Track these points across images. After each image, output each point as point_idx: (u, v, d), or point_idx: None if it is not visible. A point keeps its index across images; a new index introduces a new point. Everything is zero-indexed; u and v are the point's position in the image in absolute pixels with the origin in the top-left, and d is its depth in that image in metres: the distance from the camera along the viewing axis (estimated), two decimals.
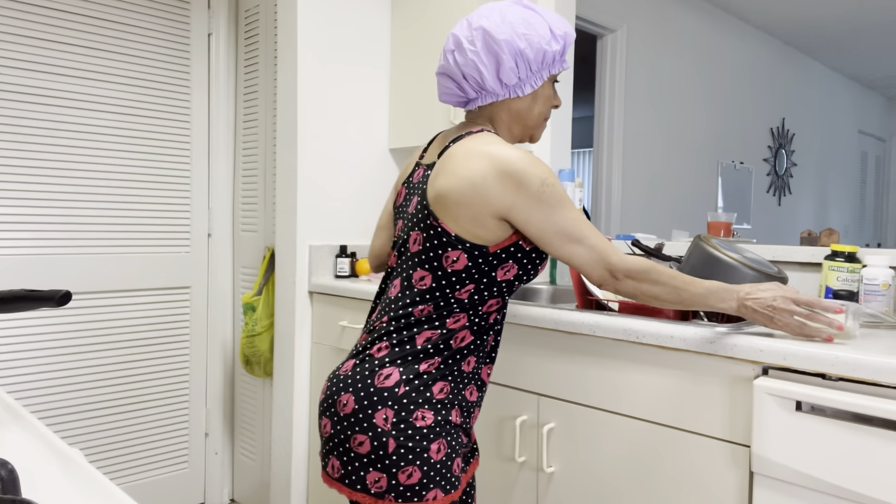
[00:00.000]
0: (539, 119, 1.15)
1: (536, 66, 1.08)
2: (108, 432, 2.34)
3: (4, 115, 2.09)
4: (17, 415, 0.74)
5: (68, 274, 2.24)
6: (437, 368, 1.07)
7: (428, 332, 1.07)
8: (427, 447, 1.04)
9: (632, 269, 1.05)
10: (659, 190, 4.03)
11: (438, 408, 1.06)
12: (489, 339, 1.15)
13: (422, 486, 1.03)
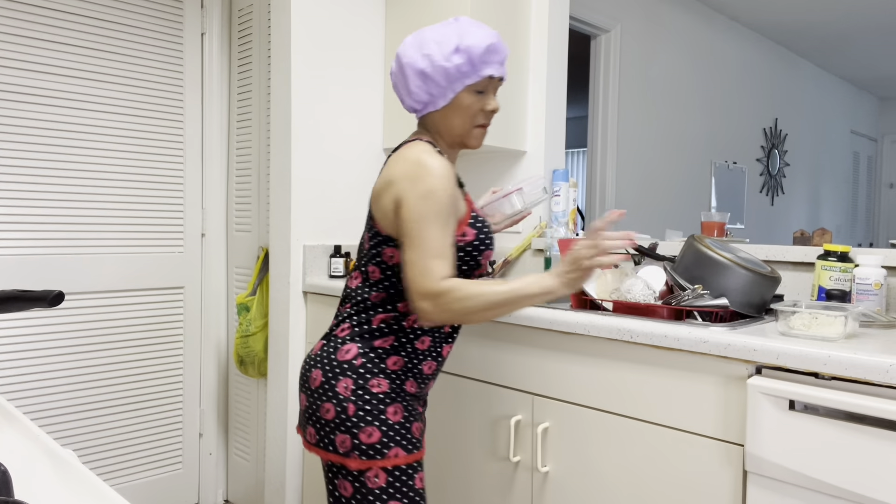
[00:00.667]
0: (464, 128, 1.23)
1: (443, 82, 1.18)
2: (101, 433, 2.33)
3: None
4: (10, 416, 0.73)
5: (61, 274, 2.23)
6: (391, 345, 1.22)
7: (382, 314, 1.23)
8: (384, 410, 1.18)
9: (428, 288, 1.10)
10: (653, 190, 4.04)
11: (393, 377, 1.22)
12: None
13: (382, 444, 1.17)
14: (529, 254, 2.33)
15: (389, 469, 1.17)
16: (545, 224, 2.31)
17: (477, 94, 1.21)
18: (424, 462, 1.79)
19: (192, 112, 2.52)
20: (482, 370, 1.64)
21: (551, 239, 2.12)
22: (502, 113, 2.25)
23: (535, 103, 2.34)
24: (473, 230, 1.21)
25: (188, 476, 2.58)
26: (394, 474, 1.17)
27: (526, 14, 2.34)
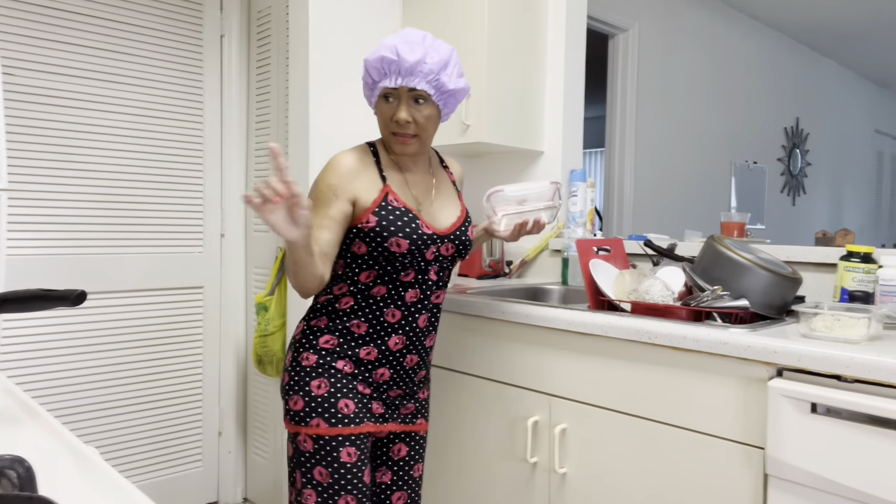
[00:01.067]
0: (384, 134, 1.32)
1: (366, 91, 1.31)
2: (122, 430, 2.36)
3: (20, 117, 2.11)
4: (33, 413, 0.75)
5: (83, 274, 2.26)
6: (325, 325, 1.31)
7: (323, 297, 1.33)
8: (308, 382, 1.28)
9: None
10: (671, 190, 4.01)
11: (322, 353, 1.30)
12: (390, 312, 1.31)
13: (305, 413, 1.27)
14: (546, 254, 2.33)
15: (314, 437, 1.26)
16: (562, 224, 2.30)
17: (387, 102, 1.28)
18: (448, 457, 1.79)
19: (211, 113, 2.55)
20: (500, 371, 1.64)
21: (569, 240, 2.11)
22: (518, 112, 2.25)
23: (553, 103, 2.34)
24: (376, 217, 1.26)
25: (208, 474, 2.61)
26: (318, 443, 1.26)
27: (543, 14, 2.33)
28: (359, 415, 1.29)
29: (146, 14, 2.36)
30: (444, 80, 1.25)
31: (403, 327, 1.32)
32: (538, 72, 2.32)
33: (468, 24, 2.16)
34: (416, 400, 1.41)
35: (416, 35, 1.25)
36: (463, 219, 1.38)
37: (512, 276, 2.35)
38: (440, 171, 1.43)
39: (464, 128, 2.17)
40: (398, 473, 1.40)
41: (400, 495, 1.41)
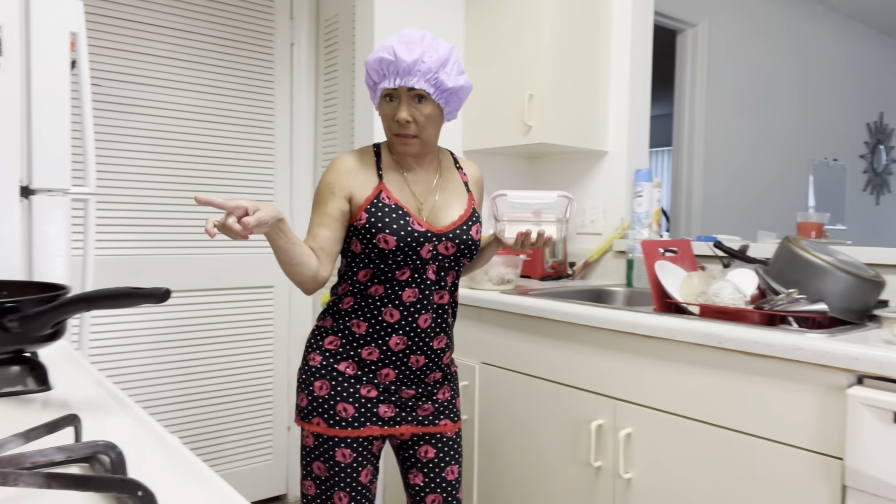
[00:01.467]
0: (387, 134, 1.33)
1: (370, 88, 1.32)
2: (198, 422, 2.48)
3: (108, 126, 2.25)
4: (121, 403, 0.80)
5: (162, 273, 2.38)
6: (329, 325, 1.34)
7: (331, 297, 1.37)
8: (312, 382, 1.32)
9: None
10: (744, 189, 3.86)
11: (326, 355, 1.33)
12: (387, 311, 1.30)
13: (308, 411, 1.31)
14: (610, 255, 2.29)
15: (314, 434, 1.31)
16: (627, 225, 2.27)
17: (388, 102, 1.29)
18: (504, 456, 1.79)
19: (281, 119, 2.64)
20: (562, 373, 1.63)
21: (633, 241, 2.08)
22: (581, 112, 2.23)
23: (618, 102, 2.30)
24: (367, 214, 1.28)
25: (277, 467, 2.70)
26: (318, 440, 1.31)
27: (608, 11, 2.30)
28: (359, 419, 1.30)
29: (223, 25, 2.47)
30: (443, 79, 1.25)
31: (403, 327, 1.31)
32: (602, 70, 2.29)
33: (530, 23, 2.15)
34: (435, 401, 1.37)
35: (415, 34, 1.25)
36: (466, 218, 1.34)
37: (575, 278, 2.32)
38: (451, 171, 1.41)
39: (526, 129, 2.17)
40: (429, 476, 1.37)
41: (434, 498, 1.37)
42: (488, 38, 2.32)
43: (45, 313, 0.82)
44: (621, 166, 2.29)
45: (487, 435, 1.85)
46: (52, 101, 1.40)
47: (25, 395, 0.82)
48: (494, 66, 2.30)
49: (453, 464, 1.39)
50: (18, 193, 1.37)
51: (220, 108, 2.48)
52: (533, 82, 2.15)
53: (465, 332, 1.92)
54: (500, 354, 1.81)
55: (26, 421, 0.72)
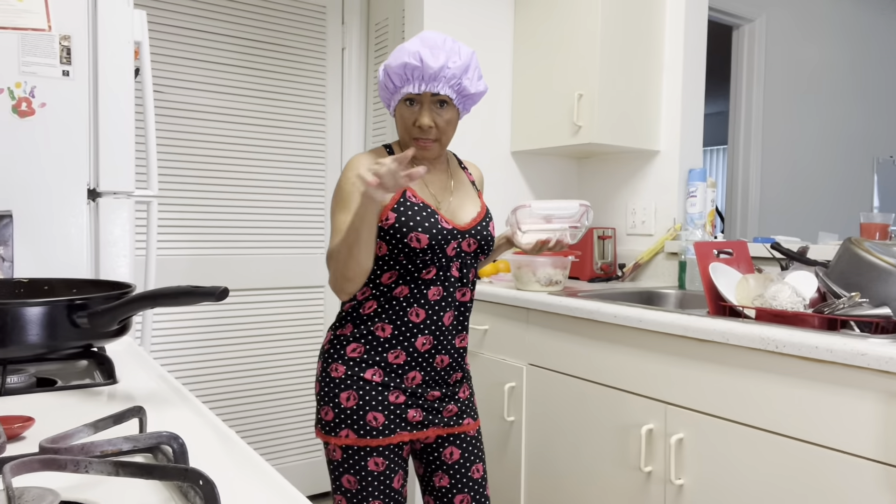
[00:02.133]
0: (404, 138, 1.31)
1: (385, 94, 1.30)
2: (250, 416, 2.55)
3: (167, 130, 2.34)
4: (183, 396, 0.83)
5: (218, 273, 2.46)
6: (350, 333, 1.31)
7: (348, 304, 1.33)
8: (338, 394, 1.28)
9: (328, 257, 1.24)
10: (803, 189, 3.73)
11: (350, 364, 1.29)
12: (413, 311, 1.29)
13: (335, 424, 1.28)
14: (662, 257, 2.25)
15: (343, 447, 1.28)
16: (679, 226, 2.22)
17: (409, 106, 1.28)
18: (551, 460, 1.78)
19: (333, 123, 2.69)
20: (610, 376, 1.61)
21: (686, 242, 2.03)
22: (632, 111, 2.19)
23: (670, 100, 2.26)
24: (395, 213, 1.26)
25: (324, 465, 2.74)
26: (347, 452, 1.28)
27: (661, 7, 2.26)
28: (389, 426, 1.29)
29: (277, 32, 2.53)
30: (465, 84, 1.25)
31: (429, 326, 1.30)
32: (655, 68, 2.25)
33: (580, 21, 2.14)
34: (458, 401, 1.37)
35: (436, 38, 1.25)
36: (483, 215, 1.36)
37: (625, 280, 2.29)
38: (458, 171, 1.43)
39: (575, 129, 2.15)
40: (455, 476, 1.37)
41: (462, 498, 1.37)
42: (537, 38, 2.31)
43: (112, 310, 0.86)
44: (673, 166, 2.25)
45: (534, 437, 1.84)
46: (118, 108, 1.47)
47: (93, 388, 0.87)
48: (543, 66, 2.28)
49: (478, 462, 1.40)
50: (86, 196, 1.44)
51: (275, 112, 2.55)
52: (582, 81, 2.13)
53: (511, 334, 1.92)
54: (547, 356, 1.80)
55: (95, 412, 0.76)
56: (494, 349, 1.98)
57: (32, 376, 0.88)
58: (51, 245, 1.40)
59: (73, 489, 0.54)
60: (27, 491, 0.47)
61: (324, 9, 2.63)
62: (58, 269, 1.41)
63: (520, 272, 1.91)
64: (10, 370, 0.86)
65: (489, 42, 2.36)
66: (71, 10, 1.40)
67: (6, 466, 0.45)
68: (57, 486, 0.55)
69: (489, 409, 2.00)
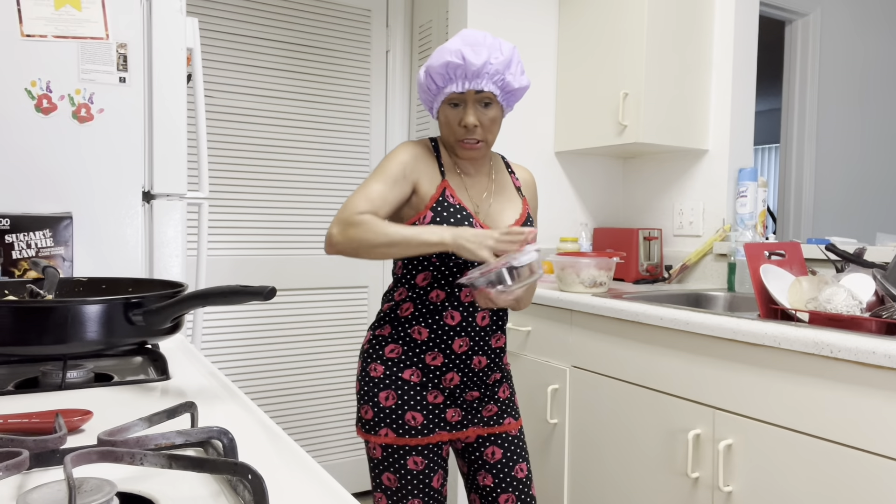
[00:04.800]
0: (449, 140, 1.30)
1: (427, 96, 1.29)
2: (295, 413, 2.60)
3: (217, 134, 2.40)
4: (232, 393, 0.86)
5: (265, 273, 2.52)
6: (388, 333, 1.32)
7: (385, 304, 1.35)
8: (377, 393, 1.29)
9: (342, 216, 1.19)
10: (860, 189, 3.59)
11: (389, 364, 1.30)
12: (447, 315, 1.28)
13: (375, 423, 1.29)
14: (710, 258, 2.20)
15: (382, 445, 1.29)
16: (729, 227, 2.16)
17: (454, 107, 1.26)
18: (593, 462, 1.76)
19: (377, 125, 2.72)
20: (657, 379, 1.58)
21: (736, 243, 1.98)
22: (679, 110, 2.15)
23: (720, 97, 2.21)
24: (432, 213, 1.25)
25: (366, 464, 2.77)
26: (387, 450, 1.29)
27: (710, 3, 2.21)
28: (428, 426, 1.29)
29: (324, 36, 2.57)
30: (509, 80, 1.23)
31: (465, 328, 1.29)
32: (703, 64, 2.20)
33: (626, 19, 2.10)
34: (497, 401, 1.36)
35: (478, 35, 1.22)
36: (523, 220, 1.33)
37: (671, 282, 2.24)
38: (503, 174, 1.39)
39: (620, 128, 2.12)
40: (499, 476, 1.36)
41: (507, 497, 1.36)
42: (582, 37, 2.29)
43: (165, 308, 0.89)
44: (723, 165, 2.19)
45: (578, 440, 1.83)
46: (171, 113, 1.52)
47: (148, 384, 0.90)
48: (587, 65, 2.26)
49: (521, 461, 1.38)
50: (141, 198, 1.49)
51: (320, 114, 2.59)
52: (628, 80, 2.10)
53: (555, 335, 1.90)
54: (591, 358, 1.78)
55: (149, 406, 0.79)
56: (537, 351, 1.97)
57: (90, 372, 0.91)
58: (108, 245, 1.45)
59: (129, 480, 0.56)
60: (86, 481, 0.49)
61: (368, 12, 2.66)
62: (114, 269, 1.46)
63: (563, 273, 1.89)
64: (70, 366, 0.90)
65: (533, 41, 2.35)
66: (127, 18, 1.46)
67: (67, 457, 0.47)
68: (113, 478, 0.57)
69: (532, 412, 1.99)
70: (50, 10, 1.38)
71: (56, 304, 0.85)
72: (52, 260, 1.34)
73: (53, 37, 1.39)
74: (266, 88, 2.48)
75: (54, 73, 1.38)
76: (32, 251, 1.32)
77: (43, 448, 0.57)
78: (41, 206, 1.39)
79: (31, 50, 1.36)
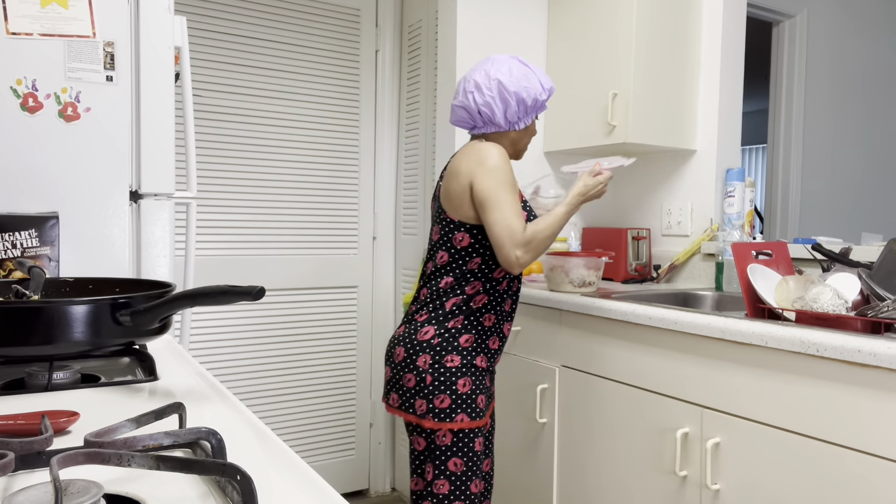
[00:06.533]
0: (525, 146, 1.57)
1: (531, 110, 1.48)
2: (285, 414, 2.59)
3: (208, 134, 2.39)
4: (221, 393, 0.85)
5: (254, 273, 2.51)
6: (461, 325, 1.44)
7: (453, 298, 1.45)
8: (455, 381, 1.41)
9: (517, 239, 1.37)
10: (846, 189, 3.63)
11: (464, 353, 1.43)
12: (507, 301, 1.50)
13: (451, 409, 1.40)
14: (698, 258, 2.21)
15: (455, 431, 1.41)
16: (716, 227, 2.18)
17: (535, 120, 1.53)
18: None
19: (366, 125, 2.72)
20: (645, 378, 1.59)
21: (723, 243, 2.00)
22: (667, 110, 2.16)
23: (708, 98, 2.22)
24: (525, 212, 1.49)
25: (360, 463, 2.77)
26: (458, 435, 1.41)
27: (698, 4, 2.22)
28: (486, 408, 1.46)
29: (313, 35, 2.57)
30: None
31: (510, 314, 1.52)
32: (691, 65, 2.22)
33: (614, 19, 2.11)
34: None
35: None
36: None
37: (660, 281, 2.26)
38: None
39: (609, 129, 2.13)
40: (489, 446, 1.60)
41: (487, 461, 1.58)
42: (571, 37, 2.30)
43: (153, 309, 0.89)
44: (710, 165, 2.21)
45: (567, 439, 1.83)
46: (159, 112, 1.51)
47: (135, 385, 0.89)
48: (577, 65, 2.27)
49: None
50: (129, 198, 1.48)
51: (310, 114, 2.58)
52: (617, 81, 2.11)
53: (544, 335, 1.91)
54: (580, 358, 1.78)
55: (136, 407, 0.78)
56: (527, 350, 1.98)
57: (77, 373, 0.91)
58: (95, 245, 1.44)
59: (116, 482, 0.56)
60: (73, 483, 0.49)
61: (358, 12, 2.66)
62: (101, 269, 1.45)
63: (552, 273, 1.90)
64: (56, 366, 0.89)
65: (522, 42, 2.36)
66: (114, 16, 1.45)
67: (53, 459, 0.47)
68: (101, 479, 0.56)
69: (521, 411, 1.99)
70: (36, 8, 1.37)
71: (42, 305, 0.84)
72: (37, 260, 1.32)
73: (39, 35, 1.37)
74: (255, 88, 2.47)
75: (40, 71, 1.37)
76: (18, 251, 1.31)
77: (29, 450, 0.57)
78: (27, 206, 1.37)
79: (16, 48, 1.35)
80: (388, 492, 2.81)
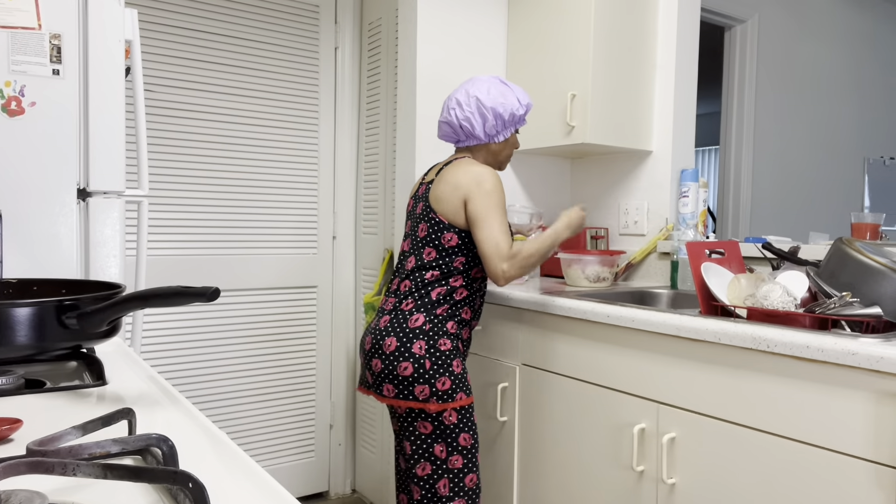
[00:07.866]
0: (507, 157, 1.71)
1: (509, 124, 1.64)
2: (243, 418, 2.54)
3: (160, 130, 2.32)
4: (173, 398, 0.83)
5: (210, 273, 2.45)
6: (447, 312, 1.57)
7: (438, 288, 1.57)
8: (451, 363, 1.53)
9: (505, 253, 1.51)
10: (795, 189, 3.75)
11: (452, 337, 1.56)
12: (479, 298, 1.66)
13: (452, 390, 1.52)
14: (654, 257, 2.26)
15: (458, 409, 1.53)
16: (672, 226, 2.23)
17: (515, 133, 1.69)
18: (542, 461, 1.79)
19: (326, 123, 2.68)
20: (604, 376, 1.61)
21: (678, 242, 2.04)
22: (625, 112, 2.20)
23: (663, 100, 2.26)
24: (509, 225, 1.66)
25: (320, 465, 2.74)
26: (461, 412, 1.54)
27: (654, 8, 2.26)
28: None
29: (271, 31, 2.52)
30: None
31: (479, 310, 1.68)
32: (647, 68, 2.26)
33: (573, 21, 2.14)
34: None
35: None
36: None
37: (617, 280, 2.29)
38: None
39: (568, 129, 2.15)
40: None
41: None
42: (530, 38, 2.31)
43: (101, 311, 0.86)
44: (666, 166, 2.25)
45: (527, 436, 1.85)
46: (108, 107, 1.46)
47: (82, 390, 0.86)
48: (536, 66, 2.29)
49: None
50: (76, 196, 1.43)
51: (267, 111, 2.54)
52: (575, 82, 2.13)
53: (504, 333, 1.92)
54: (540, 356, 1.80)
55: (83, 414, 0.75)
56: (488, 349, 1.98)
57: (21, 378, 0.87)
58: (40, 245, 1.39)
59: (61, 492, 0.54)
60: (14, 494, 0.47)
61: (317, 8, 2.62)
62: (47, 270, 1.39)
63: (570, 269, 2.04)
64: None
65: (482, 41, 2.36)
66: (61, 8, 1.39)
67: None
68: (45, 489, 0.54)
69: (482, 409, 2.00)
70: None
71: None
72: None
73: None
74: (211, 83, 2.41)
75: None
76: None
77: None
78: None
79: None
80: (348, 493, 2.78)
